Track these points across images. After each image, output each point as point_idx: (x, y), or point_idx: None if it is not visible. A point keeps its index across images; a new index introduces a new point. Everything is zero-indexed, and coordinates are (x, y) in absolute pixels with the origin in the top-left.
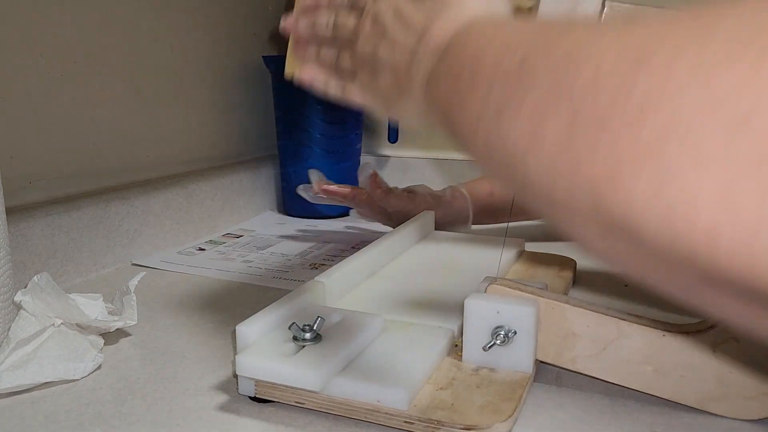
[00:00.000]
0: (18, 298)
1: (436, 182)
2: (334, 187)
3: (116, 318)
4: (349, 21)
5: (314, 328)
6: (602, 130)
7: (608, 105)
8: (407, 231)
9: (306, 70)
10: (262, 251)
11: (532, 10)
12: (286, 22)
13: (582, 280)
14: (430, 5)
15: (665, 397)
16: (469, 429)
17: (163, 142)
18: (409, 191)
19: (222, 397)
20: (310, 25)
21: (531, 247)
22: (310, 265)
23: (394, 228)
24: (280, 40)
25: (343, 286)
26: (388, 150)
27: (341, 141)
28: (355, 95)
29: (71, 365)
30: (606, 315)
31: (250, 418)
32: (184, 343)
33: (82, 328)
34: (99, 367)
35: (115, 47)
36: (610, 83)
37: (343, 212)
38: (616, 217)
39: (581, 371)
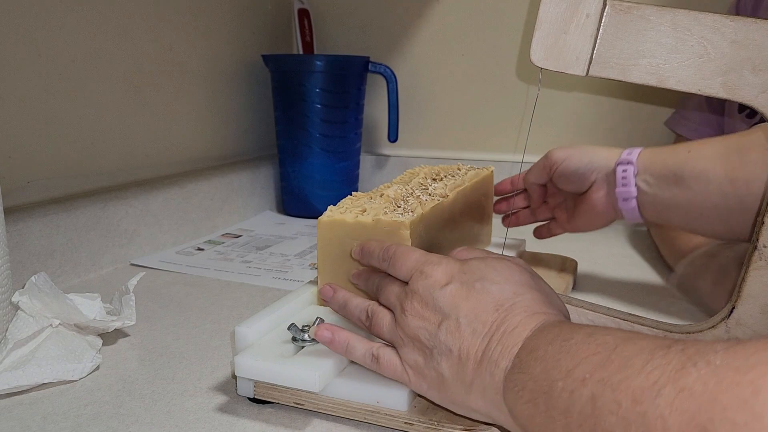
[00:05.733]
0: (16, 298)
1: None
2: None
3: (114, 318)
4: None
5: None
6: None
7: None
8: None
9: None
10: (261, 251)
11: None
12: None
13: (583, 280)
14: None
15: None
16: (469, 429)
17: (161, 142)
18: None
19: (221, 398)
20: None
21: (532, 247)
22: (309, 265)
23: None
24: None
25: None
26: (388, 149)
27: (341, 141)
28: (392, 365)
29: (69, 366)
30: (607, 315)
31: (249, 419)
32: (183, 344)
33: (81, 328)
34: (97, 368)
35: (114, 47)
36: None
37: None
38: None
39: None
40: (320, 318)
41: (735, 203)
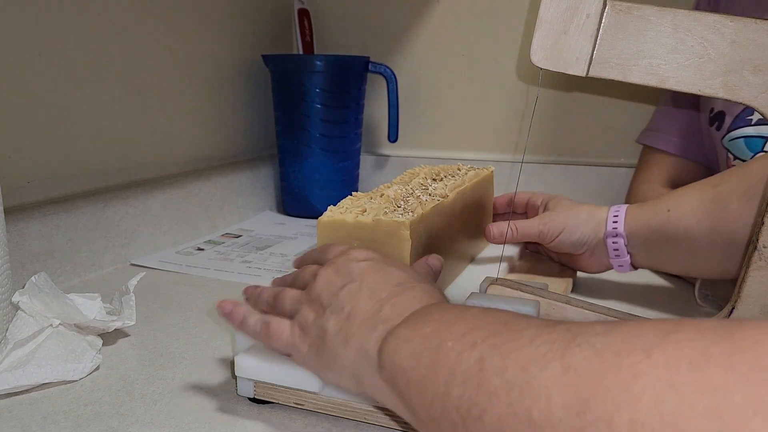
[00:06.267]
0: (16, 298)
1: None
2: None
3: (114, 318)
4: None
5: None
6: None
7: None
8: None
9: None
10: (261, 251)
11: None
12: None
13: (583, 280)
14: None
15: None
16: None
17: (161, 142)
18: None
19: (221, 398)
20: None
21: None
22: None
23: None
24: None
25: None
26: (387, 149)
27: (341, 141)
28: (281, 329)
29: (69, 366)
30: (607, 315)
31: (249, 420)
32: (183, 344)
33: (81, 328)
34: (97, 368)
35: (114, 47)
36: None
37: None
38: None
39: None
40: None
41: (724, 252)
